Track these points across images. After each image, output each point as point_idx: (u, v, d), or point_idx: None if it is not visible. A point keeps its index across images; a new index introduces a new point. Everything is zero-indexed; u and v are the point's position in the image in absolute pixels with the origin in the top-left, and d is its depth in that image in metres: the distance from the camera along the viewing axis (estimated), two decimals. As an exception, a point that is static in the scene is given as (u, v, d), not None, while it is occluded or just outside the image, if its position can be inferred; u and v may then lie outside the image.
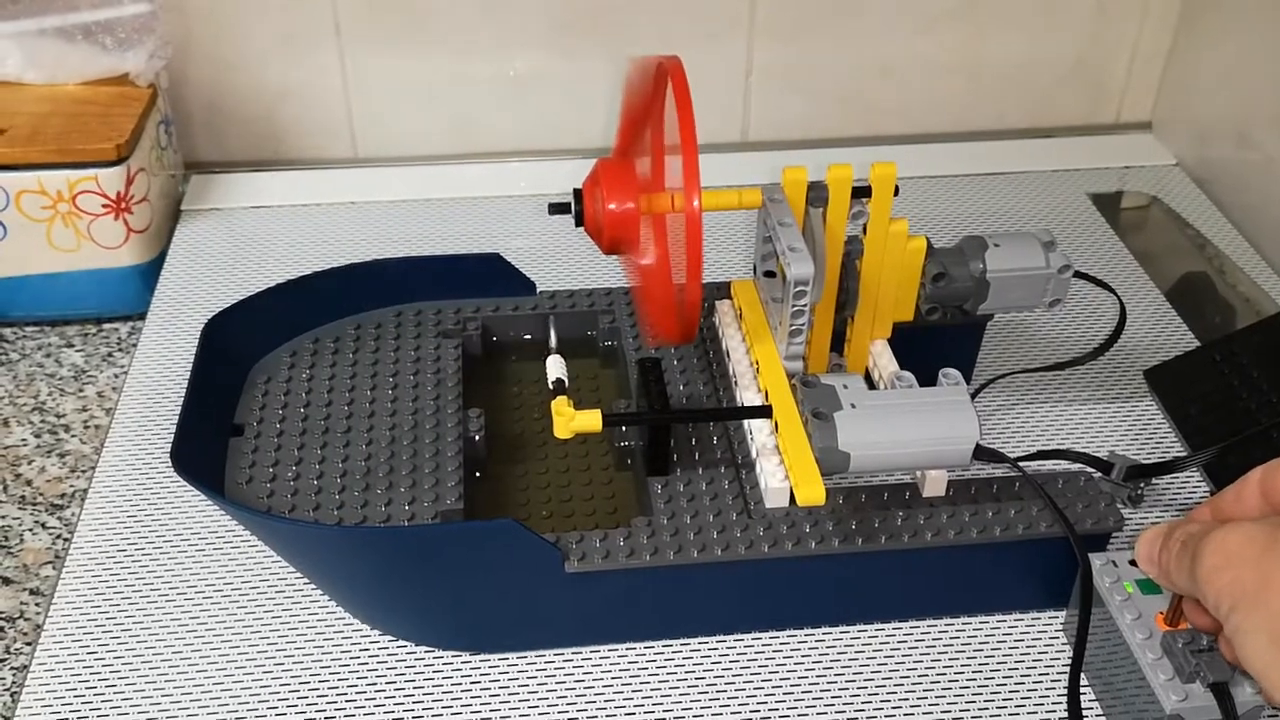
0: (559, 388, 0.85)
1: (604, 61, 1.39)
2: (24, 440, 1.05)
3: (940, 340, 1.01)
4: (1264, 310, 1.20)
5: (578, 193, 0.87)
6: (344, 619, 0.90)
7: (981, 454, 0.82)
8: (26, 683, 0.85)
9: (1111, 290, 1.01)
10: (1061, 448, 0.96)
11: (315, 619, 0.90)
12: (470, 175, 1.40)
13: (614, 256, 0.90)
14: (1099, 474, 0.90)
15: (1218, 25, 1.38)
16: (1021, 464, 0.85)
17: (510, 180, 1.39)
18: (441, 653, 0.87)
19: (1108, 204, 1.36)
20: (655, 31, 1.38)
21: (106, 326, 1.19)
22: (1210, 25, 1.39)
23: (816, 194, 0.90)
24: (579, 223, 0.87)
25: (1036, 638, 0.89)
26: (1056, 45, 1.44)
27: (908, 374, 0.88)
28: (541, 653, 0.87)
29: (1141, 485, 0.91)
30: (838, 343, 0.99)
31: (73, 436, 1.06)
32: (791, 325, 0.86)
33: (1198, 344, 1.14)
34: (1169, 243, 1.31)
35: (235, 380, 0.98)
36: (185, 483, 0.85)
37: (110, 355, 1.15)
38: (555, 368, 0.87)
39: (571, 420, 0.83)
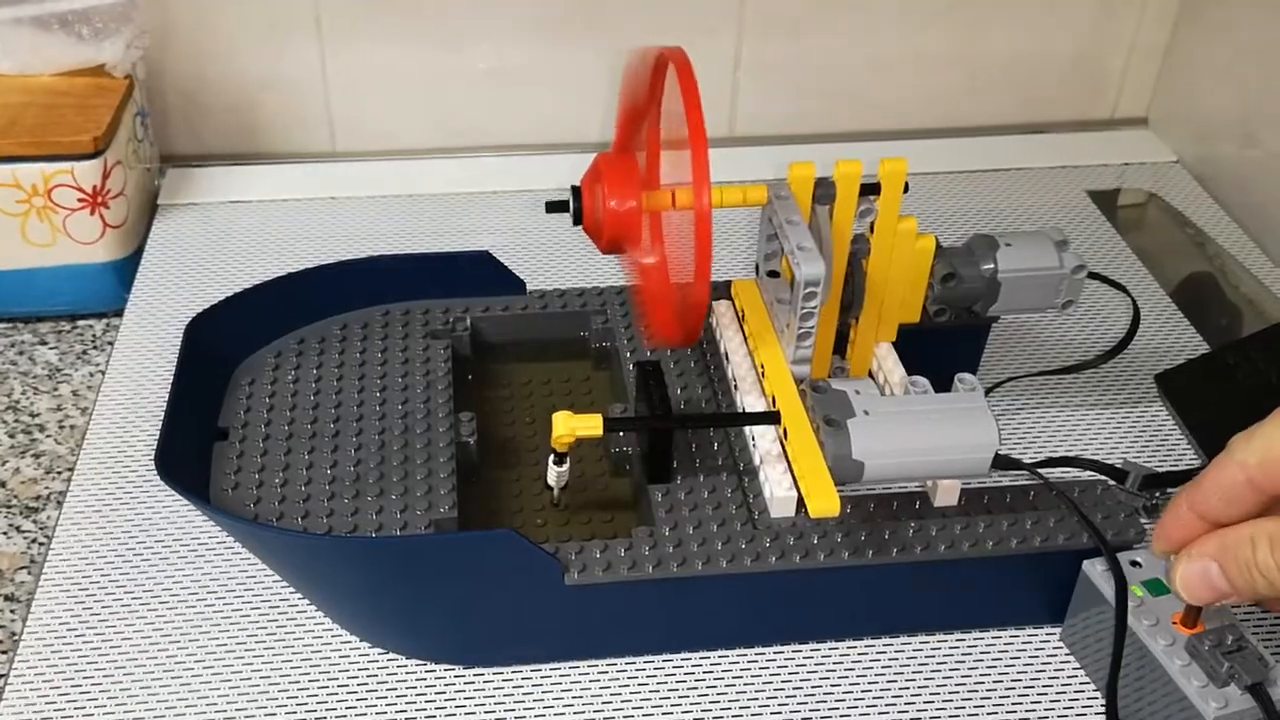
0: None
1: (589, 55, 1.37)
2: (-3, 441, 1.03)
3: (944, 342, 0.98)
4: (1267, 310, 1.17)
5: (576, 190, 0.85)
6: (333, 630, 0.87)
7: (999, 462, 0.79)
8: (5, 695, 0.83)
9: (1125, 291, 0.99)
10: (1071, 455, 0.94)
11: (303, 630, 0.87)
12: (452, 170, 1.38)
13: (602, 254, 0.87)
14: (1113, 482, 0.87)
15: (1218, 19, 1.36)
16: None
17: (493, 176, 1.37)
18: (434, 666, 0.85)
19: (1105, 201, 1.34)
20: (642, 24, 1.35)
21: (81, 324, 1.16)
22: (1210, 19, 1.37)
23: (823, 191, 0.88)
24: (577, 221, 0.85)
25: (1053, 653, 0.86)
26: (1053, 40, 1.42)
27: (922, 379, 0.85)
28: (538, 667, 0.85)
29: (1158, 495, 0.89)
30: (840, 345, 0.96)
31: (47, 437, 1.03)
32: (800, 328, 0.84)
33: (1204, 345, 1.12)
34: (1168, 241, 1.29)
35: (218, 382, 0.95)
36: (168, 488, 0.82)
37: (85, 353, 1.12)
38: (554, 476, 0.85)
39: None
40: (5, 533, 0.95)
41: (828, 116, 1.45)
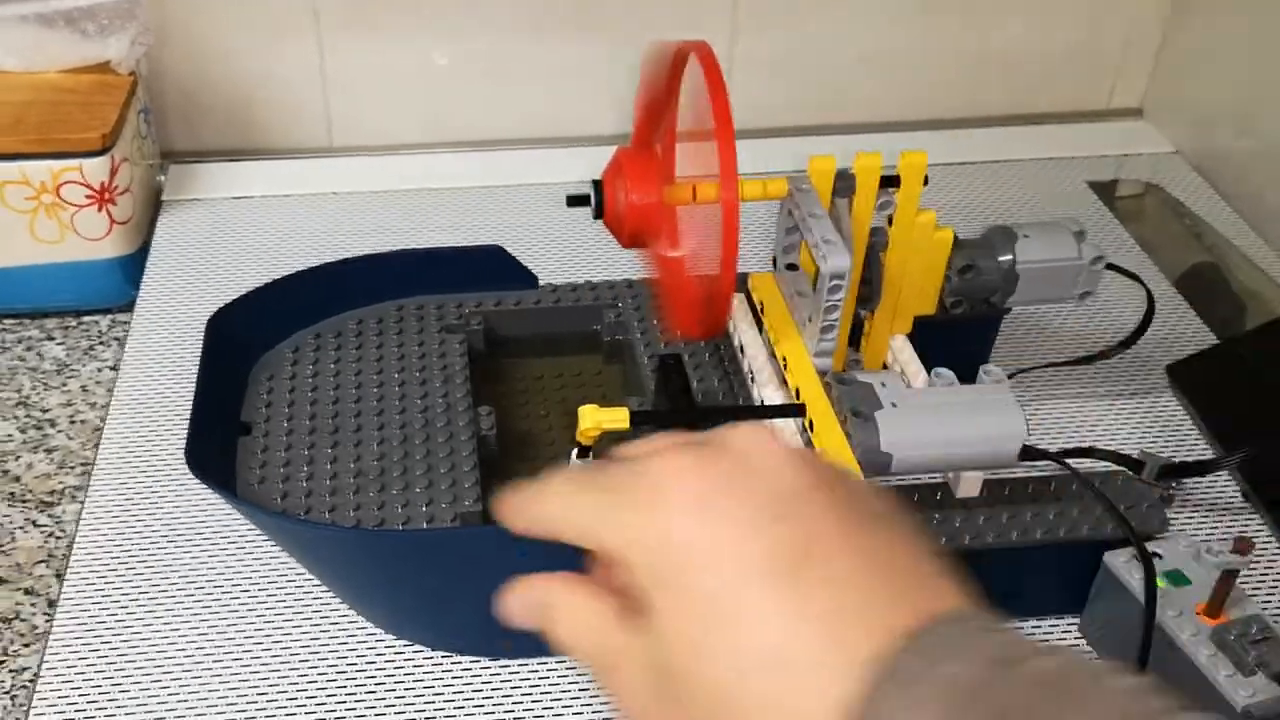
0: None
1: (584, 51, 1.37)
2: (9, 435, 1.02)
3: (955, 334, 0.98)
4: (1268, 298, 1.18)
5: (597, 184, 0.84)
6: (358, 623, 0.87)
7: (1025, 453, 0.80)
8: (38, 688, 0.83)
9: (1140, 281, 0.99)
10: (1084, 445, 0.94)
11: (329, 623, 0.87)
12: (450, 165, 1.38)
13: (610, 246, 0.87)
14: (1131, 473, 0.88)
15: (1213, 10, 1.37)
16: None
17: (488, 171, 1.37)
18: (460, 658, 0.85)
19: (1104, 192, 1.34)
20: (638, 19, 1.35)
21: (86, 319, 1.16)
22: (1206, 10, 1.38)
23: (844, 184, 0.88)
24: (598, 215, 0.84)
25: (1074, 644, 0.87)
26: (1049, 31, 1.43)
27: (947, 371, 0.85)
28: (563, 659, 0.84)
29: (1173, 485, 0.89)
30: (854, 338, 0.96)
31: (59, 431, 1.03)
32: (824, 320, 0.84)
33: (1210, 335, 1.12)
34: (1168, 231, 1.29)
35: (238, 377, 0.95)
36: (190, 483, 0.83)
37: (92, 349, 1.12)
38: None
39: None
40: (22, 527, 0.95)
41: (823, 110, 1.45)
